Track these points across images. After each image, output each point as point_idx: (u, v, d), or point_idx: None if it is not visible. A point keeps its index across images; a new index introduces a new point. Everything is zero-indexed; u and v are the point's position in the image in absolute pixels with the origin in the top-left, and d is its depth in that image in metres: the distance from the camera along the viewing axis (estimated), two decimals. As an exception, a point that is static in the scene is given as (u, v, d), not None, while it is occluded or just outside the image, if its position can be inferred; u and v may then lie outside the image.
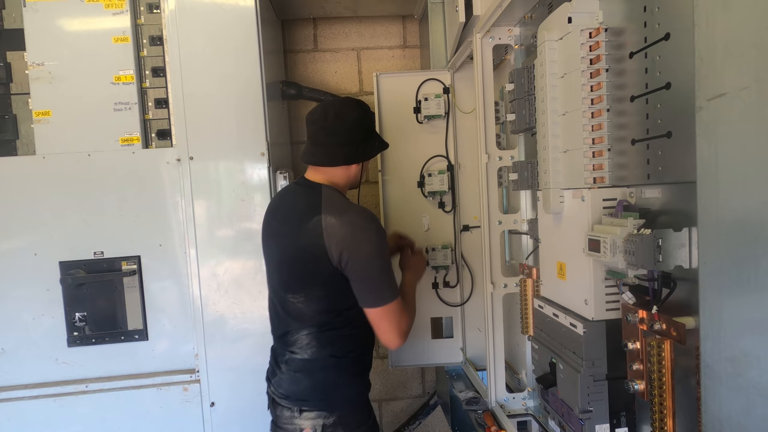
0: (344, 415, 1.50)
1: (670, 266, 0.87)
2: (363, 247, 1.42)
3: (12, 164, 1.93)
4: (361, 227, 1.44)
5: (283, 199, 1.63)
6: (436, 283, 2.34)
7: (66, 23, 1.92)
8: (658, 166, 0.93)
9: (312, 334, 1.49)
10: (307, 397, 1.49)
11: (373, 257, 1.43)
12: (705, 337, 0.75)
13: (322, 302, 1.47)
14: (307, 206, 1.47)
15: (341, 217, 1.43)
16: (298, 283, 1.48)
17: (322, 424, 1.47)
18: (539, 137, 1.25)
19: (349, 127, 1.51)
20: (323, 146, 1.52)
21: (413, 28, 2.87)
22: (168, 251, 1.99)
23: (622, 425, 1.12)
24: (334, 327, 1.50)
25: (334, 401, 1.50)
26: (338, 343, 1.50)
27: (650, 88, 0.94)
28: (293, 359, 1.51)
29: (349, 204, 1.50)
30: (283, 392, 1.52)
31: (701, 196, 0.75)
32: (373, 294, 1.46)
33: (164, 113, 2.00)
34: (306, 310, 1.48)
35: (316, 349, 1.49)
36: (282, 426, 1.53)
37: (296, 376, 1.51)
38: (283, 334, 1.55)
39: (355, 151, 1.53)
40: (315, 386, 1.49)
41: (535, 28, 1.45)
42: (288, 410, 1.50)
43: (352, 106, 1.54)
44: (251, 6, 1.95)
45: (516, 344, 2.04)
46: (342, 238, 1.41)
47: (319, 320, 1.48)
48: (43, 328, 1.95)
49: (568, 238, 1.15)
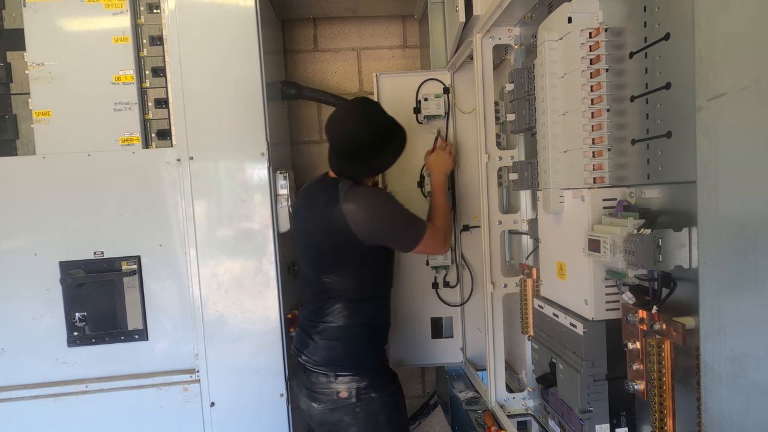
0: (374, 378, 1.68)
1: (670, 266, 0.87)
2: (383, 216, 1.64)
3: (12, 164, 1.93)
4: (375, 202, 1.65)
5: (309, 196, 1.78)
6: (436, 283, 2.34)
7: (66, 23, 1.92)
8: (658, 166, 0.93)
9: (344, 304, 1.68)
10: (342, 362, 1.67)
11: (393, 216, 1.66)
12: (705, 337, 0.75)
13: (352, 280, 1.68)
14: (330, 199, 1.64)
15: (357, 201, 1.61)
16: (330, 265, 1.68)
17: (356, 387, 1.65)
18: (539, 137, 1.25)
19: (362, 149, 1.65)
20: (340, 162, 1.70)
21: (413, 28, 2.87)
22: (168, 251, 1.99)
23: (622, 425, 1.12)
24: (362, 299, 1.70)
25: (366, 366, 1.69)
26: (366, 311, 1.71)
27: (650, 88, 0.94)
28: (328, 328, 1.68)
29: (361, 189, 1.66)
30: (319, 359, 1.68)
31: (701, 196, 0.75)
32: (408, 241, 1.70)
33: (164, 113, 2.00)
34: (339, 286, 1.68)
35: (347, 317, 1.68)
36: (318, 391, 1.67)
37: (332, 343, 1.68)
38: (317, 308, 1.71)
39: (367, 167, 1.71)
40: (349, 353, 1.68)
41: (535, 28, 1.45)
42: (324, 376, 1.66)
43: (363, 127, 1.64)
44: (251, 6, 1.95)
45: (516, 344, 2.04)
46: (365, 217, 1.61)
47: (350, 294, 1.69)
48: (43, 328, 1.95)
49: (568, 238, 1.15)
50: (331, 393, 1.65)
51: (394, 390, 1.74)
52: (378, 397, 1.67)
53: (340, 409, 1.65)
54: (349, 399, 1.64)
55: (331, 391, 1.65)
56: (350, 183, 1.67)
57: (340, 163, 1.70)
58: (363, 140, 1.64)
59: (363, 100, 1.72)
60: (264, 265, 2.02)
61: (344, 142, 1.65)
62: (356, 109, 1.69)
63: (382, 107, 1.72)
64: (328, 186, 1.69)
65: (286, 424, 2.05)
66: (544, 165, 1.22)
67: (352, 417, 1.65)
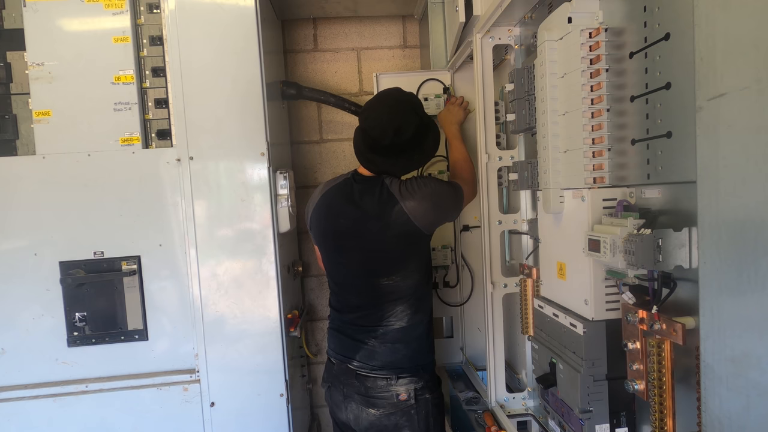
0: (428, 379, 1.70)
1: (670, 266, 0.87)
2: (440, 203, 1.65)
3: (12, 164, 1.93)
4: (431, 193, 1.63)
5: (346, 197, 1.69)
6: (436, 283, 2.34)
7: (66, 23, 1.92)
8: (658, 166, 0.93)
9: (407, 304, 1.67)
10: (404, 364, 1.66)
11: (446, 198, 1.66)
12: (705, 337, 0.75)
13: (416, 277, 1.67)
14: (383, 201, 1.61)
15: (414, 197, 1.60)
16: (393, 266, 1.65)
17: (414, 388, 1.66)
18: (539, 137, 1.25)
19: (407, 141, 1.62)
20: (384, 160, 1.65)
21: (413, 28, 2.87)
22: (168, 251, 1.99)
23: (622, 425, 1.12)
24: (422, 295, 1.71)
25: (424, 366, 1.70)
26: (425, 306, 1.72)
27: (650, 88, 0.94)
28: (389, 331, 1.67)
29: (410, 183, 1.64)
30: (378, 363, 1.67)
31: (701, 196, 0.75)
32: (458, 208, 1.72)
33: (164, 113, 2.00)
34: (402, 285, 1.66)
35: (410, 315, 1.68)
36: (376, 395, 1.66)
37: (395, 346, 1.67)
38: (371, 312, 1.68)
39: (411, 161, 1.70)
40: (413, 353, 1.68)
41: (535, 28, 1.46)
42: (384, 380, 1.66)
43: (409, 116, 1.62)
44: (251, 6, 1.95)
45: (516, 344, 2.04)
46: (427, 210, 1.61)
47: (411, 292, 1.68)
48: (43, 328, 1.95)
49: (568, 238, 1.15)
50: (391, 396, 1.65)
51: (441, 392, 1.76)
52: (431, 398, 1.68)
53: (398, 413, 1.65)
54: (408, 401, 1.64)
55: (391, 394, 1.65)
56: (397, 180, 1.66)
57: (382, 159, 1.64)
58: (413, 129, 1.61)
59: (399, 91, 1.68)
60: (264, 265, 2.02)
61: (390, 139, 1.59)
62: (400, 99, 1.65)
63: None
64: (373, 186, 1.65)
65: (286, 424, 2.05)
66: (544, 165, 1.22)
67: (407, 419, 1.65)
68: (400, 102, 1.64)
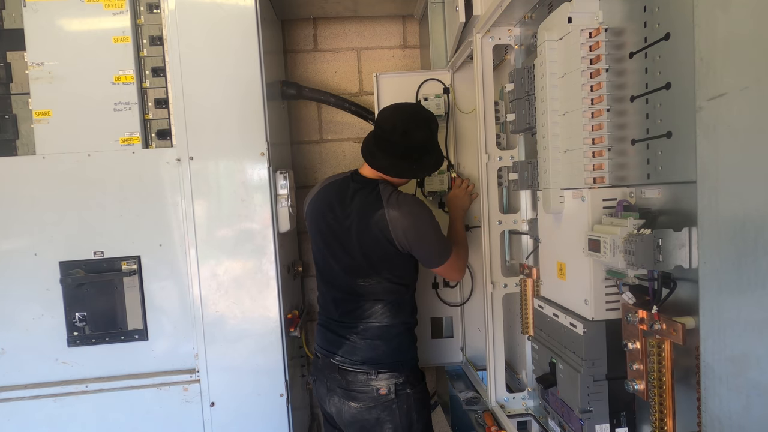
0: (410, 374, 1.74)
1: (670, 266, 0.87)
2: (422, 230, 1.66)
3: (12, 164, 1.93)
4: (418, 214, 1.67)
5: (340, 195, 1.74)
6: (436, 283, 2.34)
7: (66, 23, 1.92)
8: (658, 166, 0.93)
9: (387, 305, 1.72)
10: (383, 360, 1.70)
11: (430, 233, 1.68)
12: (705, 337, 0.75)
13: (389, 283, 1.71)
14: (369, 203, 1.66)
15: (401, 209, 1.63)
16: (369, 269, 1.69)
17: (395, 383, 1.69)
18: (539, 137, 1.25)
19: (411, 147, 1.68)
20: (383, 156, 1.69)
21: (413, 28, 2.87)
22: (168, 251, 1.99)
23: (622, 425, 1.12)
24: (404, 300, 1.76)
25: (404, 363, 1.73)
26: (407, 309, 1.77)
27: (650, 88, 0.94)
28: (370, 328, 1.71)
29: (403, 196, 1.69)
30: (359, 358, 1.71)
31: (701, 196, 0.75)
32: (435, 257, 1.73)
33: (164, 113, 2.00)
34: (379, 288, 1.71)
35: (391, 316, 1.72)
36: (356, 389, 1.70)
37: (375, 342, 1.71)
38: (352, 309, 1.73)
39: (408, 168, 1.72)
40: (393, 350, 1.72)
41: (535, 28, 1.46)
42: (364, 374, 1.70)
43: (422, 126, 1.69)
44: (251, 6, 1.95)
45: (516, 344, 2.04)
46: (406, 227, 1.63)
47: (392, 296, 1.72)
48: (43, 328, 1.95)
49: (568, 238, 1.15)
50: (371, 390, 1.68)
51: (424, 387, 1.79)
52: (412, 393, 1.72)
53: (378, 406, 1.68)
54: (388, 395, 1.68)
55: (371, 389, 1.68)
56: (392, 187, 1.70)
57: (382, 155, 1.68)
58: (420, 139, 1.67)
59: (422, 106, 1.84)
60: (264, 265, 2.02)
61: (398, 137, 1.65)
62: (419, 110, 1.75)
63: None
64: (367, 187, 1.70)
65: (286, 424, 2.06)
66: (544, 165, 1.22)
67: (388, 413, 1.68)
68: (419, 111, 1.74)
